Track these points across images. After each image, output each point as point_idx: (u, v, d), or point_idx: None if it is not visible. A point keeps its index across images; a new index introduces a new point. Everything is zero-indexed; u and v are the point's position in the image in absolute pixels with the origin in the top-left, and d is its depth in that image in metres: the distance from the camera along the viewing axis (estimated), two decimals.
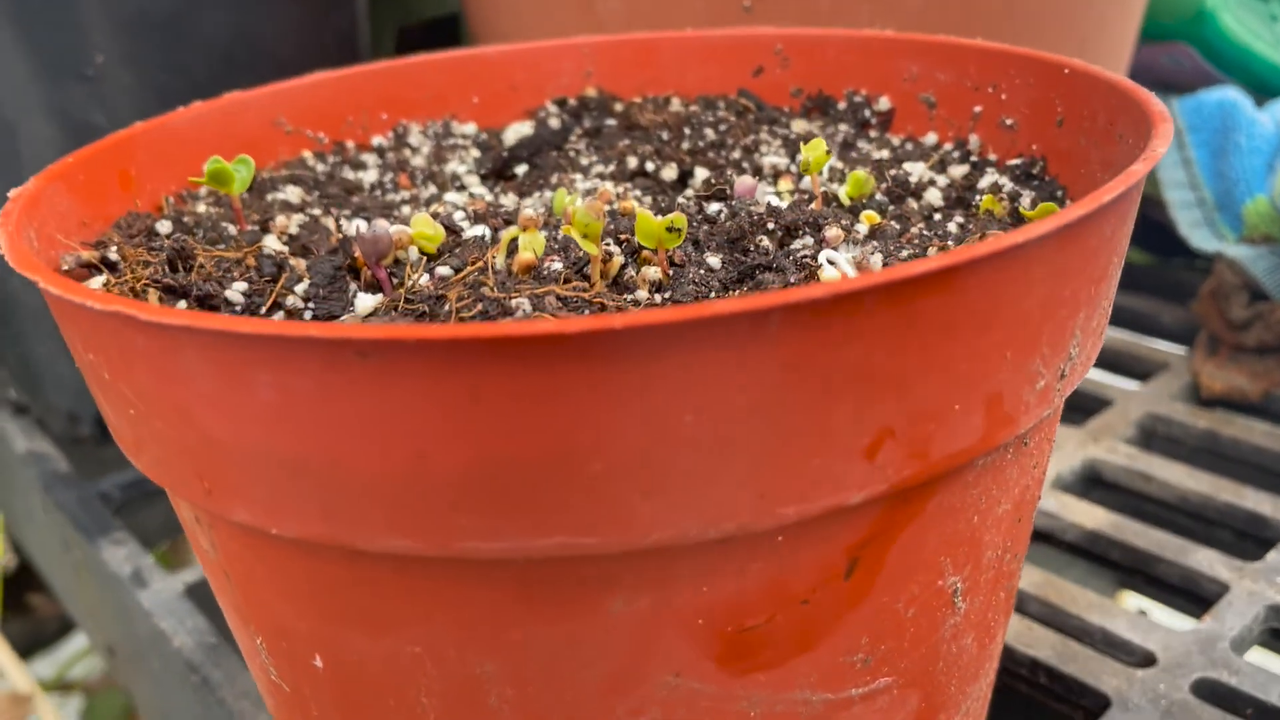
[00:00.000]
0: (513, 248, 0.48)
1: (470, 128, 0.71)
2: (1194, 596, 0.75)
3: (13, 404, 1.02)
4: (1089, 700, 0.66)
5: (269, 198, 0.60)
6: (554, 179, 0.63)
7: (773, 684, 0.40)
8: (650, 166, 0.62)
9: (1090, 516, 0.80)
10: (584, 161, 0.65)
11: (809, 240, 0.50)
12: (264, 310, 0.47)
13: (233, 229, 0.54)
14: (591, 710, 0.39)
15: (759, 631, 0.39)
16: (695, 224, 0.52)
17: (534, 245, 0.46)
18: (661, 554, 0.36)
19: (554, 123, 0.71)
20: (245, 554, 0.41)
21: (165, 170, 0.58)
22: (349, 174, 0.64)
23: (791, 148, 0.64)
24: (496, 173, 0.65)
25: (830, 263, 0.45)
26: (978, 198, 0.55)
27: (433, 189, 0.64)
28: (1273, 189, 1.01)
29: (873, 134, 0.66)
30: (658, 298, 0.46)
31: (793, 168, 0.62)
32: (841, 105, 0.68)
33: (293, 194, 0.61)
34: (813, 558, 0.38)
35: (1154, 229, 1.18)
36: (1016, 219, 0.53)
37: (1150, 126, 0.44)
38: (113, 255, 0.49)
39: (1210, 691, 0.65)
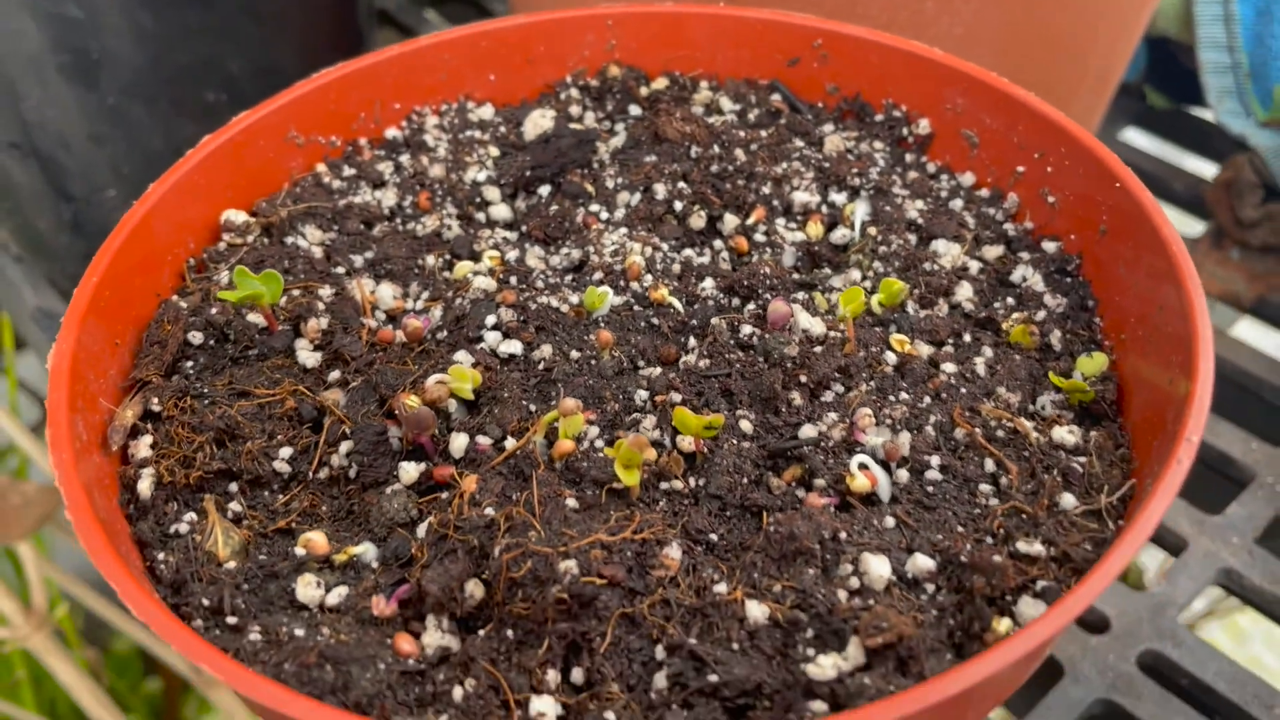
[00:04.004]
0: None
1: (487, 110, 0.67)
2: (1159, 544, 0.82)
3: (13, 255, 1.01)
4: (1047, 664, 0.74)
5: (289, 242, 0.59)
6: (579, 216, 0.61)
7: None
8: (678, 207, 0.61)
9: None
10: (609, 185, 0.63)
11: (839, 389, 0.51)
12: (311, 474, 0.49)
13: (260, 321, 0.54)
14: None
15: None
16: (729, 351, 0.52)
17: (572, 430, 0.47)
18: None
19: (575, 109, 0.67)
20: None
21: (184, 228, 0.57)
22: (366, 195, 0.62)
23: (823, 179, 0.62)
24: (520, 186, 0.63)
25: (862, 467, 0.47)
26: (1008, 314, 0.55)
27: (454, 212, 0.62)
28: None
29: (909, 157, 0.64)
30: (692, 482, 0.48)
31: (824, 208, 0.61)
32: (879, 117, 0.65)
33: (312, 237, 0.59)
34: None
35: (1179, 74, 1.13)
36: (1044, 354, 0.53)
37: (1191, 358, 0.44)
38: (155, 406, 0.49)
39: (1154, 663, 0.73)
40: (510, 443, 0.48)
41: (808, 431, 0.49)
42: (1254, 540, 0.79)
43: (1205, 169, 1.10)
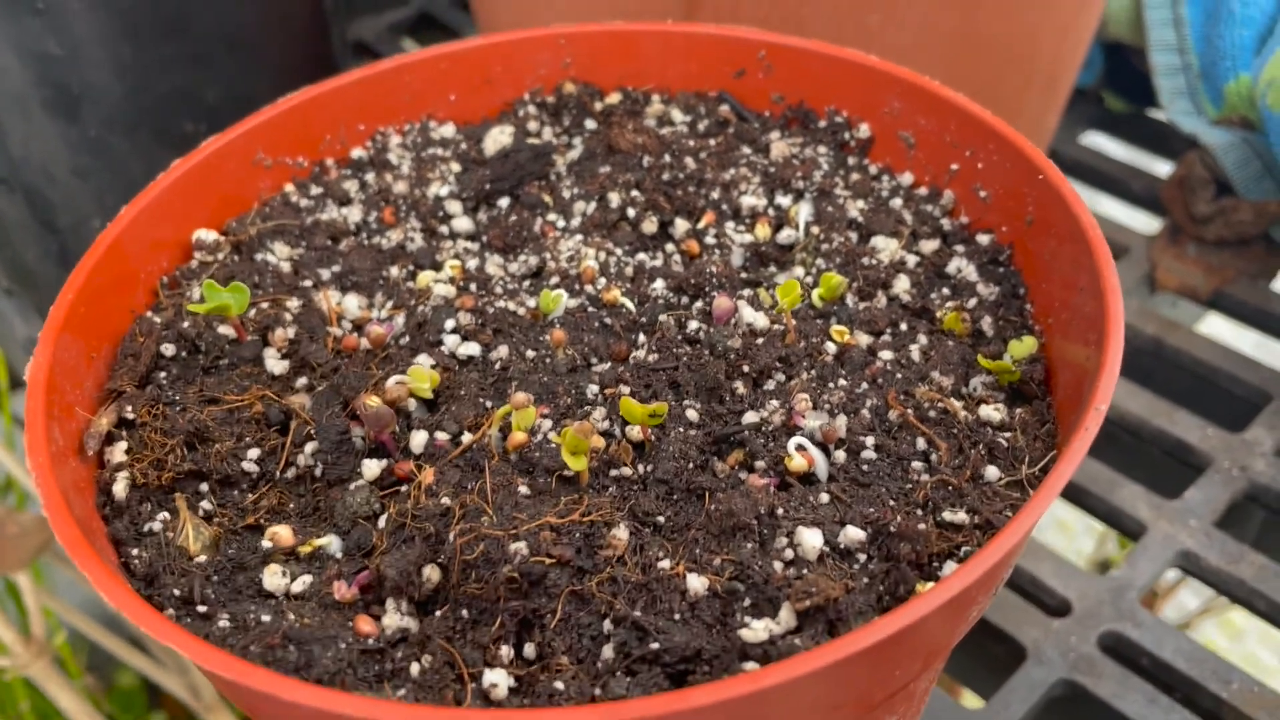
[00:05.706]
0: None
1: (449, 129, 0.70)
2: (1118, 528, 0.84)
3: (3, 288, 1.04)
4: (1010, 647, 0.76)
5: (258, 258, 0.62)
6: (537, 225, 0.64)
7: None
8: (631, 213, 0.63)
9: None
10: (566, 195, 0.65)
11: (780, 378, 0.53)
12: (278, 473, 0.51)
13: (230, 332, 0.57)
14: None
15: None
16: (676, 345, 0.55)
17: (524, 423, 0.50)
18: None
19: (533, 125, 0.70)
20: None
21: (157, 248, 0.59)
22: (333, 212, 0.65)
23: (769, 183, 0.65)
24: (481, 199, 0.66)
25: (799, 448, 0.49)
26: (943, 304, 0.57)
27: (417, 226, 0.65)
28: (1258, 72, 1.00)
29: (851, 160, 0.66)
30: (641, 469, 0.50)
31: (770, 211, 0.64)
32: (822, 123, 0.68)
33: (281, 253, 0.62)
34: None
35: (1134, 77, 1.17)
36: (977, 340, 0.56)
37: (1103, 334, 0.47)
38: (129, 414, 0.52)
39: (1114, 643, 0.75)
40: (467, 437, 0.51)
41: (750, 418, 0.51)
42: (1212, 523, 0.81)
43: (1164, 169, 1.12)
